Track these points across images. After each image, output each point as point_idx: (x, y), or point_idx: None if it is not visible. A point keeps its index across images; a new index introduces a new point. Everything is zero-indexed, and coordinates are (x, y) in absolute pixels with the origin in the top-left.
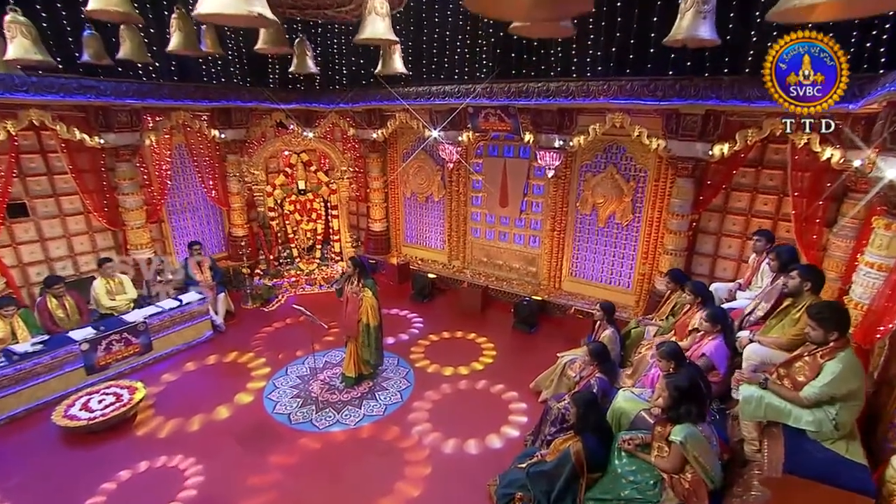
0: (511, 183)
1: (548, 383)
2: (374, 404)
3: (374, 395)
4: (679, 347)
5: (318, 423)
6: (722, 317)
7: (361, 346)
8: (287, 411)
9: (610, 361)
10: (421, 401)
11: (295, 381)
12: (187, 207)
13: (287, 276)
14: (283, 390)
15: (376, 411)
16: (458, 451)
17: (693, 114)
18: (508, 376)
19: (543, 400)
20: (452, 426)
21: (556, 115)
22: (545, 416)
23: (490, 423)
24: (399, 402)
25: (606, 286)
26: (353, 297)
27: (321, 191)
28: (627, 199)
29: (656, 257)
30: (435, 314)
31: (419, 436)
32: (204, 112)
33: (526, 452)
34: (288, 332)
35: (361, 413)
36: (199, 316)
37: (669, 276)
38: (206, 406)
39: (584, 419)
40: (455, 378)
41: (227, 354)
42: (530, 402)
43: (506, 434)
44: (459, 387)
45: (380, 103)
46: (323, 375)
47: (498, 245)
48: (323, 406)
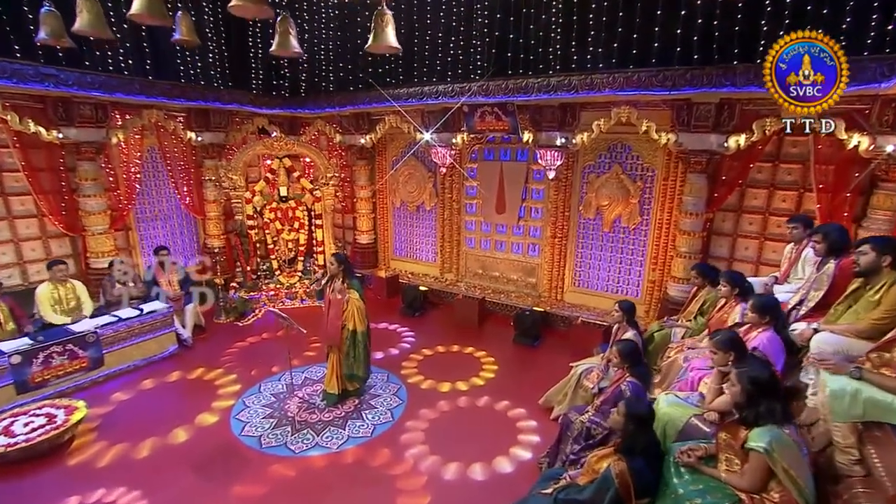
0: (508, 188)
1: (560, 397)
2: (361, 424)
3: (361, 414)
4: (738, 335)
5: (294, 447)
6: (771, 305)
7: (346, 358)
8: (258, 433)
9: (642, 363)
10: (415, 420)
11: (269, 399)
12: (158, 215)
13: (266, 290)
14: (255, 409)
15: (363, 432)
16: (462, 478)
17: (707, 103)
18: (513, 392)
19: (556, 417)
20: (453, 448)
21: (558, 111)
22: (565, 433)
23: (497, 443)
24: (390, 422)
25: (613, 296)
26: (336, 299)
27: (304, 198)
28: (634, 201)
29: (667, 262)
30: (427, 328)
31: (414, 460)
32: (180, 112)
33: (548, 475)
34: (264, 347)
35: (345, 435)
36: (162, 327)
37: (697, 271)
38: (160, 429)
39: (633, 437)
40: (453, 394)
41: (192, 371)
42: (541, 420)
43: (516, 456)
44: (459, 404)
45: (368, 106)
46: (301, 392)
47: (494, 255)
48: (300, 427)
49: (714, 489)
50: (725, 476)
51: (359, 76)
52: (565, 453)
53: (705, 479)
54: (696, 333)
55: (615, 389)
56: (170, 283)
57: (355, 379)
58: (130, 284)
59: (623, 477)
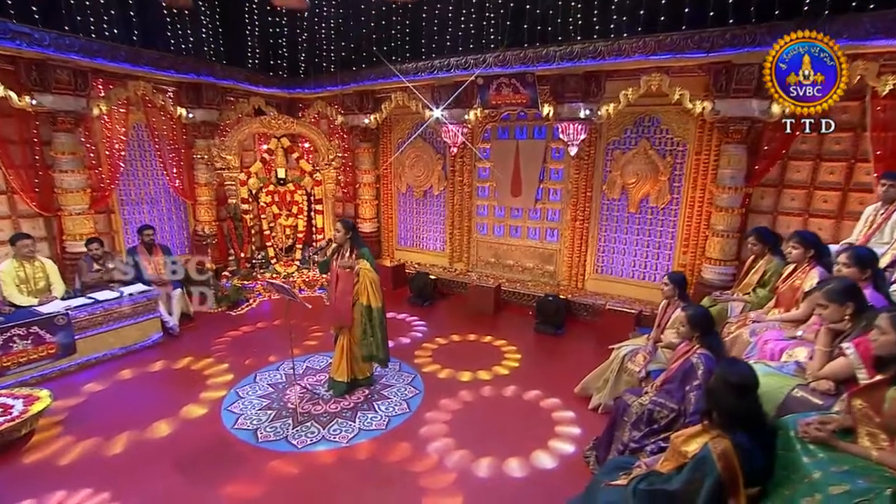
0: (525, 168)
1: (600, 384)
2: (373, 416)
3: (373, 405)
4: (855, 283)
5: (296, 441)
6: (872, 258)
7: (363, 338)
8: (253, 426)
9: (715, 333)
10: (435, 411)
11: (265, 389)
12: (144, 198)
13: (261, 279)
14: (249, 401)
15: (376, 425)
16: (497, 474)
17: (749, 65)
18: (542, 381)
19: (596, 406)
20: (482, 442)
21: (582, 80)
22: (619, 418)
23: (532, 436)
24: (406, 413)
25: (639, 282)
26: (344, 272)
27: (304, 182)
28: (664, 178)
29: (700, 243)
30: (438, 318)
31: (439, 455)
32: (169, 85)
33: (614, 464)
34: (259, 336)
35: (356, 427)
36: (145, 313)
37: (756, 236)
38: (138, 422)
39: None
40: (475, 384)
41: (177, 360)
42: (579, 410)
43: (557, 449)
44: (483, 394)
45: (374, 82)
46: (303, 382)
47: (508, 242)
48: (303, 419)
49: (865, 471)
50: (878, 455)
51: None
52: (622, 441)
53: (849, 459)
54: (757, 307)
55: (683, 364)
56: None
57: (376, 360)
58: (111, 265)
59: (727, 458)
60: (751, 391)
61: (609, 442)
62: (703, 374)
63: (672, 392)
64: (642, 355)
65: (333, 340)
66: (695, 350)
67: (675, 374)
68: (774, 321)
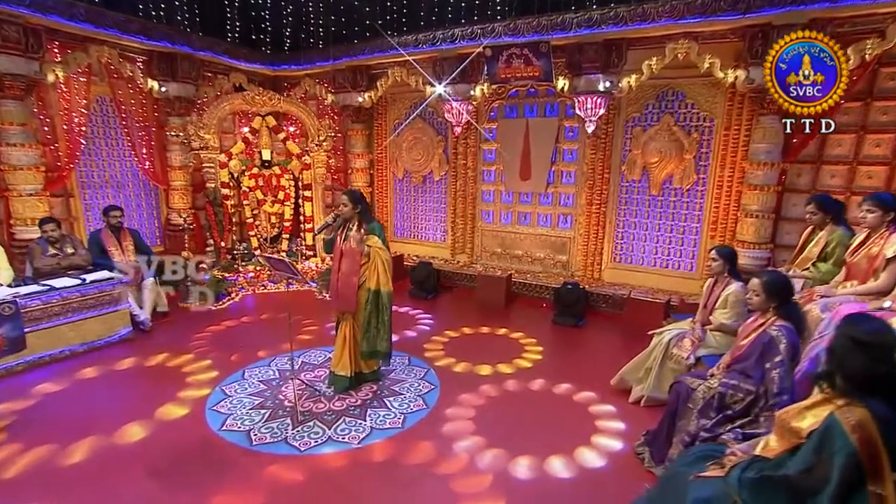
0: (535, 149)
1: (641, 374)
2: (386, 414)
3: (384, 401)
4: None
5: (298, 443)
6: None
7: (366, 328)
8: (245, 427)
9: (794, 302)
10: (456, 407)
11: (257, 387)
12: (109, 182)
13: (244, 272)
14: (239, 399)
15: (391, 423)
16: (541, 475)
17: (790, 25)
18: (571, 374)
19: (638, 399)
20: (516, 439)
21: (601, 49)
22: (682, 405)
23: (571, 432)
24: (424, 410)
25: (662, 271)
26: (351, 249)
27: (291, 165)
28: (689, 157)
29: (729, 226)
30: (444, 310)
31: (469, 455)
32: (139, 54)
33: (698, 454)
34: (245, 330)
35: (366, 426)
36: (112, 303)
37: (816, 204)
38: (103, 426)
39: (867, 372)
40: (497, 378)
41: (151, 357)
42: (618, 403)
43: (603, 446)
44: (507, 388)
45: (369, 56)
46: (303, 377)
47: (517, 230)
48: (304, 418)
49: None
50: None
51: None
52: (687, 431)
53: None
54: (819, 282)
55: (759, 339)
56: (123, 252)
57: (377, 356)
58: (69, 250)
59: (865, 430)
60: (889, 350)
61: (668, 434)
62: (785, 348)
63: (747, 371)
64: (689, 340)
65: (334, 329)
66: (771, 322)
67: (749, 350)
68: (848, 294)
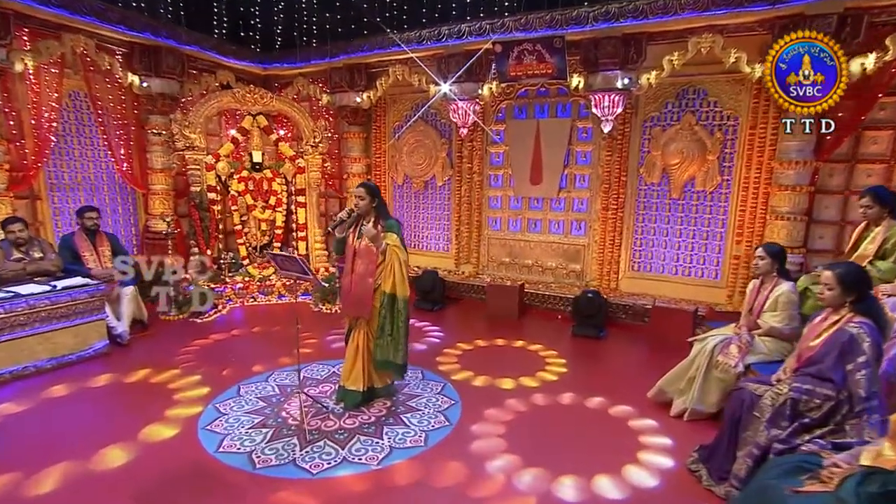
0: (547, 151)
1: (682, 385)
2: (406, 432)
3: (400, 418)
4: None
5: (309, 465)
6: None
7: (380, 336)
8: (246, 448)
9: (872, 296)
10: (482, 423)
11: (255, 403)
12: (82, 184)
13: (231, 283)
14: (235, 417)
15: (412, 441)
16: (589, 497)
17: (825, 15)
18: (602, 387)
19: (680, 412)
20: (555, 457)
21: (620, 44)
22: (746, 415)
23: (615, 449)
24: (447, 427)
25: (684, 280)
26: (366, 248)
27: (283, 168)
28: (712, 158)
29: (756, 231)
30: (454, 322)
31: (505, 475)
32: (119, 45)
33: (792, 465)
34: (236, 344)
35: (385, 446)
36: (86, 314)
37: (871, 197)
38: (78, 450)
39: None
40: (522, 392)
41: (131, 373)
42: (659, 418)
43: (651, 463)
44: (535, 402)
45: (368, 54)
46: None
47: (526, 238)
48: (313, 438)
49: None
50: None
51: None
52: (756, 443)
53: None
54: (878, 282)
55: (835, 338)
56: (99, 258)
57: (390, 367)
58: (37, 254)
59: None
60: None
61: (730, 447)
62: (870, 347)
63: (823, 374)
64: (736, 346)
65: (345, 338)
66: (848, 319)
67: (824, 351)
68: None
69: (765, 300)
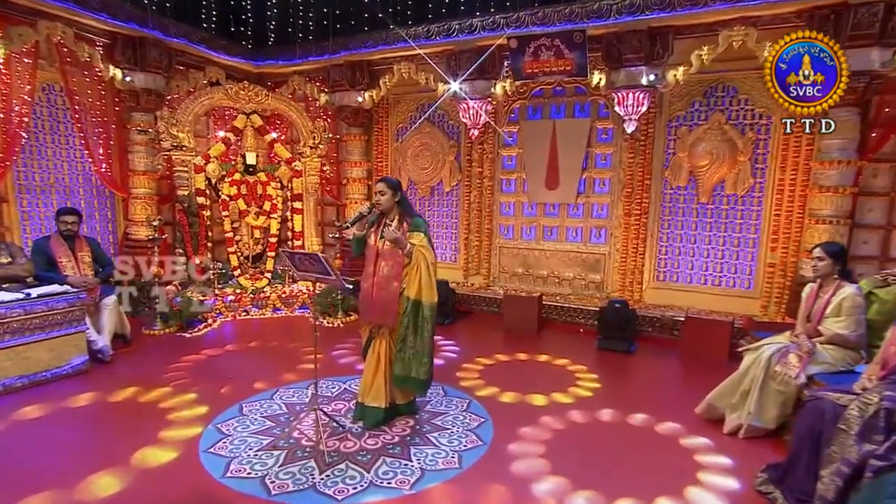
0: (564, 154)
1: (736, 399)
2: (436, 453)
3: (427, 438)
4: None
5: (332, 490)
6: None
7: (401, 348)
8: (257, 473)
9: None
10: (519, 442)
11: (262, 423)
12: (55, 186)
13: (222, 295)
14: (241, 438)
15: (444, 463)
16: None
17: (871, 3)
18: (642, 403)
19: (735, 429)
20: (607, 479)
21: (645, 39)
22: (829, 429)
23: (670, 470)
24: (481, 446)
25: (714, 290)
26: (390, 249)
27: (279, 172)
28: (744, 158)
29: (793, 236)
30: (468, 336)
31: (555, 499)
32: (100, 35)
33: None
34: (232, 360)
35: (416, 468)
36: (64, 325)
37: None
38: (59, 477)
39: None
40: (556, 408)
41: (116, 391)
42: (712, 435)
43: (715, 485)
44: (573, 419)
45: (371, 50)
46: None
47: (541, 247)
48: (332, 460)
49: None
50: None
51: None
52: (846, 460)
53: None
54: None
55: None
56: (78, 264)
57: (411, 384)
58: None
59: None
60: None
61: (810, 465)
62: None
63: None
64: (796, 355)
65: (362, 350)
66: None
67: None
68: None
69: (825, 305)
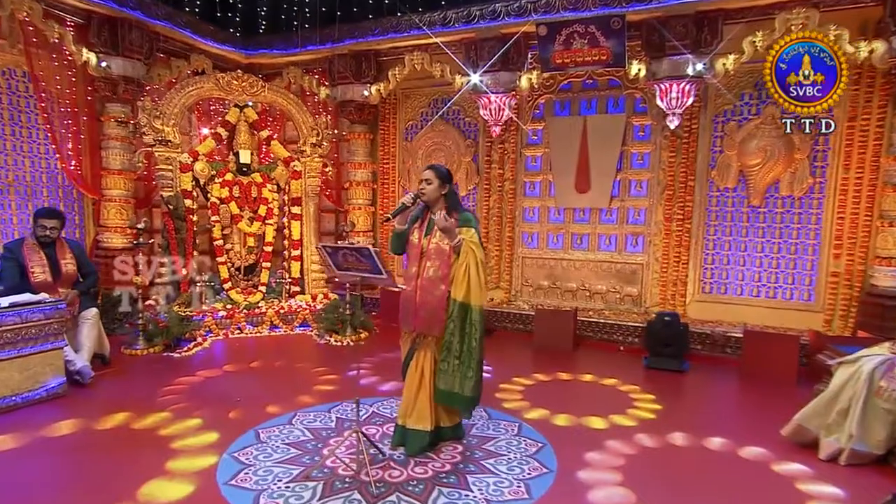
0: (595, 154)
1: (831, 420)
2: (497, 482)
3: (481, 464)
4: None
5: None
6: None
7: (445, 359)
8: None
9: None
10: (590, 469)
11: (286, 451)
12: (14, 185)
13: (211, 311)
14: (266, 469)
15: (511, 494)
16: None
17: None
18: (717, 426)
19: (835, 453)
20: None
21: (691, 24)
22: None
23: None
24: (548, 474)
25: (768, 302)
26: (436, 248)
27: (276, 173)
28: (801, 156)
29: (861, 241)
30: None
31: None
32: (72, 13)
33: None
34: (235, 381)
35: (479, 500)
36: (39, 340)
37: None
38: None
39: None
40: (620, 432)
41: (103, 418)
42: (807, 461)
43: None
44: (642, 443)
45: (381, 38)
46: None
47: (570, 256)
48: (380, 491)
49: None
50: None
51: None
52: None
53: None
54: None
55: None
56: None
57: (457, 401)
58: None
59: None
60: None
61: None
62: None
63: None
64: None
65: (402, 365)
66: None
67: None
68: None
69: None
